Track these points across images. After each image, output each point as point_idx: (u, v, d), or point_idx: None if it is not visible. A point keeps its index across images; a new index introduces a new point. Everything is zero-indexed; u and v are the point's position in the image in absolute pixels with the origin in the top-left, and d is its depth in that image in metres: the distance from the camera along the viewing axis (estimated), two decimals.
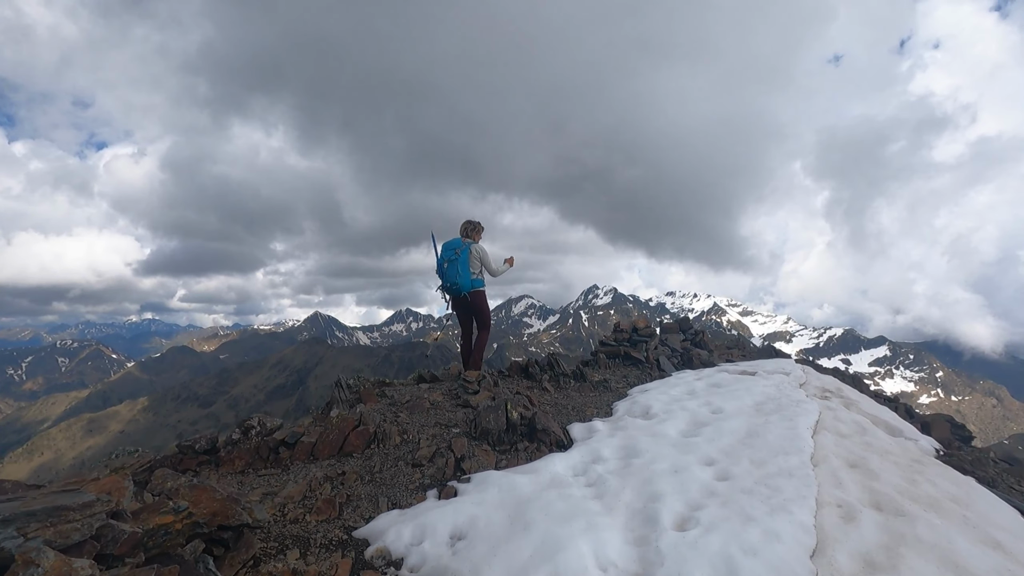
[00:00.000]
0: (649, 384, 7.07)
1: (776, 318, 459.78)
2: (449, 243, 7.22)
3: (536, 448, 4.67)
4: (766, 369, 7.72)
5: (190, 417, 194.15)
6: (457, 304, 7.28)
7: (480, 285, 7.20)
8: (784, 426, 4.74)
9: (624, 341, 9.42)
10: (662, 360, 9.02)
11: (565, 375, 7.39)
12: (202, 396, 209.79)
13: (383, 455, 4.56)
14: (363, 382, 6.80)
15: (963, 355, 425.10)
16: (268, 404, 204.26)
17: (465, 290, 6.99)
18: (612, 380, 7.43)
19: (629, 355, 8.92)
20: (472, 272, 7.12)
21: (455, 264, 6.99)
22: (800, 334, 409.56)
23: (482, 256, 7.23)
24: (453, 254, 7.04)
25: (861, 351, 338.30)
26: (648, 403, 5.71)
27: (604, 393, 6.89)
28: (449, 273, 7.01)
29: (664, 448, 4.32)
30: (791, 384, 6.71)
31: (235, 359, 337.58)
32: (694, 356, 9.41)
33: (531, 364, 7.50)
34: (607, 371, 8.41)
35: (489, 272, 7.30)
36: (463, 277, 6.97)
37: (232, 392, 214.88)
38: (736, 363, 9.75)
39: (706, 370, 8.05)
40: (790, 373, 7.31)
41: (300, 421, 6.64)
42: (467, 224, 7.39)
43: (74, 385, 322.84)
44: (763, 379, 6.86)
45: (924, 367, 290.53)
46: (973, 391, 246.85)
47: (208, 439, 4.70)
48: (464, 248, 7.06)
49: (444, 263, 7.08)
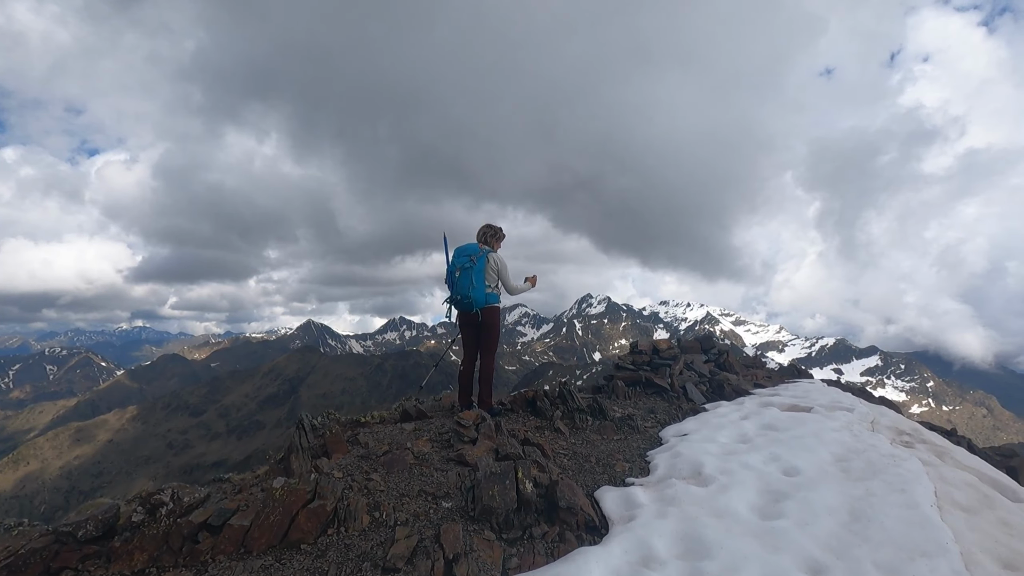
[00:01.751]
0: (685, 424, 5.76)
1: (769, 328, 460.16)
2: (463, 248, 5.96)
3: (558, 536, 3.34)
4: (820, 403, 6.43)
5: (180, 426, 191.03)
6: (465, 320, 6.03)
7: (495, 301, 5.95)
8: (898, 502, 3.44)
9: (643, 365, 8.13)
10: (689, 388, 7.72)
11: (580, 410, 6.08)
12: (193, 405, 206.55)
13: (343, 548, 3.22)
14: (332, 423, 5.46)
15: (953, 365, 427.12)
16: (260, 413, 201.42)
17: (478, 305, 5.76)
18: (637, 416, 6.12)
19: (651, 382, 7.62)
20: (487, 285, 5.86)
21: (469, 273, 5.74)
22: (792, 343, 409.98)
23: (500, 268, 5.96)
24: (467, 261, 5.78)
25: (853, 361, 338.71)
26: (696, 457, 4.40)
27: (631, 435, 5.58)
28: (461, 283, 5.76)
29: (743, 541, 3.02)
30: (861, 425, 5.43)
31: (227, 367, 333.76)
32: (724, 382, 8.12)
33: (539, 396, 6.19)
34: (627, 402, 7.11)
35: (506, 288, 6.04)
36: (477, 289, 5.73)
37: (223, 401, 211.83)
38: (774, 389, 8.47)
39: (746, 402, 6.75)
40: (853, 409, 6.03)
41: (253, 472, 5.29)
42: (485, 229, 6.13)
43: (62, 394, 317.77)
44: (825, 418, 5.58)
45: (915, 377, 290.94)
46: (963, 401, 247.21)
47: (100, 521, 3.35)
48: (481, 256, 5.81)
49: (456, 271, 5.83)
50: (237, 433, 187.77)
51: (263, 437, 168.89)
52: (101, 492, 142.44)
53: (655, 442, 5.34)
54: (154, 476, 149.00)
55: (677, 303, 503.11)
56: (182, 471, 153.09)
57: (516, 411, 6.24)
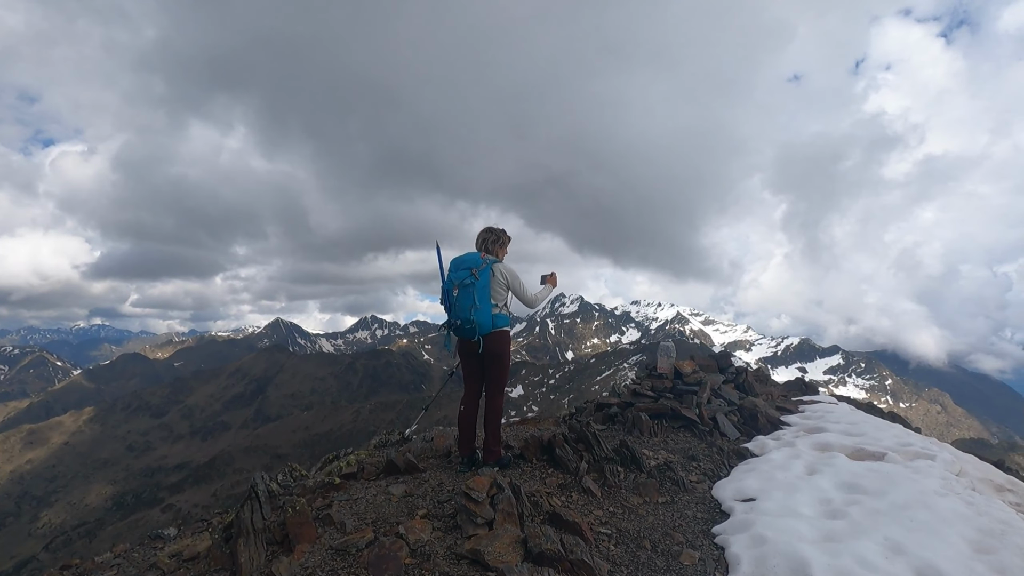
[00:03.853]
0: (742, 479, 4.64)
1: (736, 327, 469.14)
2: (461, 260, 4.73)
3: None
4: (886, 444, 5.42)
5: (141, 428, 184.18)
6: (466, 349, 4.81)
7: (503, 324, 4.74)
8: None
9: (665, 391, 7.03)
10: (720, 420, 6.65)
11: (608, 459, 4.92)
12: (154, 406, 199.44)
13: None
14: (296, 491, 4.16)
15: (910, 364, 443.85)
16: (225, 414, 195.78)
17: (482, 331, 4.55)
18: (676, 464, 4.99)
19: (678, 413, 6.52)
20: (494, 304, 4.65)
21: (470, 291, 4.52)
22: (759, 343, 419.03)
23: (510, 281, 4.76)
24: (468, 276, 4.55)
25: (816, 360, 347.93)
26: (790, 548, 3.28)
27: (678, 495, 4.44)
28: (460, 304, 4.54)
29: None
30: (958, 481, 4.42)
31: (191, 367, 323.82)
32: (756, 412, 7.08)
33: (557, 442, 4.99)
34: (655, 441, 5.99)
35: (524, 302, 4.86)
36: (481, 311, 4.52)
37: (187, 401, 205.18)
38: (805, 416, 7.48)
39: (796, 442, 5.69)
40: (934, 456, 5.01)
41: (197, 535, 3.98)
42: (485, 234, 4.92)
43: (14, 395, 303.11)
44: (914, 472, 4.54)
45: (875, 375, 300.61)
46: (919, 398, 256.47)
47: None
48: (484, 269, 4.59)
49: (454, 289, 4.59)
50: (201, 435, 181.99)
51: (228, 439, 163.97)
52: (56, 497, 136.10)
53: (712, 508, 4.22)
54: (113, 480, 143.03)
55: (648, 303, 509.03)
56: (143, 474, 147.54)
57: (528, 459, 5.04)
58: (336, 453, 6.56)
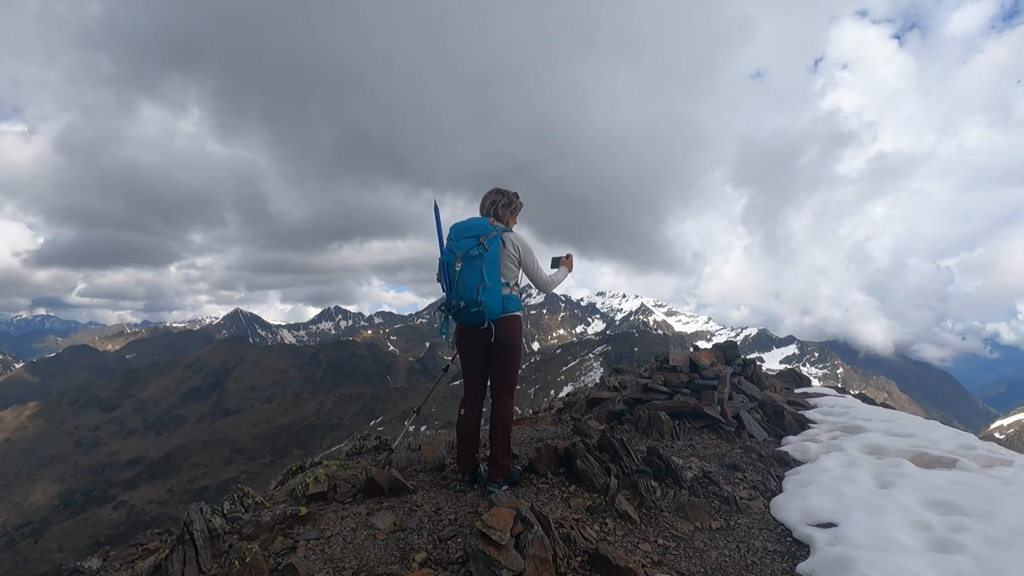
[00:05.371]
0: (807, 496, 3.81)
1: (698, 318, 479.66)
2: (466, 226, 3.71)
3: None
4: (945, 448, 4.72)
5: (90, 423, 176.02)
6: (469, 339, 3.84)
7: (515, 308, 3.77)
8: None
9: (681, 386, 6.20)
10: (745, 419, 5.87)
11: (639, 471, 4.04)
12: (105, 400, 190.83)
13: None
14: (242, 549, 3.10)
15: (859, 353, 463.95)
16: (182, 407, 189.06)
17: (492, 316, 3.59)
18: (717, 476, 4.15)
19: (700, 411, 5.70)
20: (504, 283, 3.69)
21: (476, 265, 3.54)
22: (719, 333, 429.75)
23: (523, 255, 3.79)
24: (474, 246, 3.54)
25: (773, 349, 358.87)
26: None
27: (734, 518, 3.59)
28: (465, 282, 3.56)
29: None
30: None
31: (144, 359, 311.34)
32: (781, 410, 6.34)
33: (579, 452, 4.07)
34: (680, 444, 5.15)
35: (537, 283, 3.92)
36: (491, 291, 3.55)
37: (140, 395, 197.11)
38: (825, 413, 6.80)
39: (841, 442, 4.93)
40: (1012, 461, 4.32)
41: None
42: (495, 196, 3.93)
43: None
44: (1004, 484, 3.82)
45: (827, 364, 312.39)
46: (867, 386, 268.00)
47: None
48: (493, 238, 3.60)
49: (456, 262, 3.59)
50: (156, 429, 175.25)
51: (185, 433, 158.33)
52: None
53: (782, 535, 3.38)
54: (60, 477, 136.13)
55: (613, 294, 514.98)
56: (92, 470, 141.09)
57: (541, 472, 4.11)
58: (300, 463, 5.48)
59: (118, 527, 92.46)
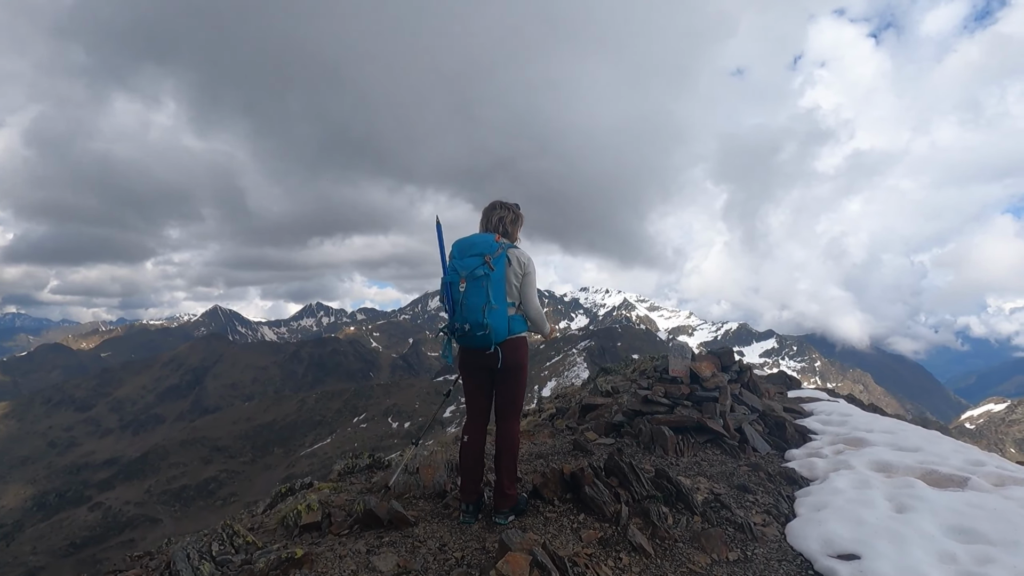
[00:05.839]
0: (824, 522, 3.68)
1: (680, 313, 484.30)
2: (470, 243, 3.51)
3: None
4: (952, 464, 4.65)
5: (64, 423, 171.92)
6: (473, 362, 3.64)
7: (521, 329, 3.60)
8: None
9: (682, 398, 6.06)
10: (748, 432, 5.75)
11: (652, 497, 3.88)
12: (79, 399, 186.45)
13: None
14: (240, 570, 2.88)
15: (836, 346, 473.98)
16: (159, 406, 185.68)
17: (498, 338, 3.40)
18: (729, 499, 4.02)
19: (703, 426, 5.57)
20: (510, 303, 3.52)
21: (482, 286, 3.35)
22: (701, 328, 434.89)
23: (525, 274, 3.58)
24: (480, 265, 3.35)
25: (753, 344, 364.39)
26: None
27: (751, 547, 3.44)
28: (470, 303, 3.36)
29: None
30: None
31: (120, 358, 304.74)
32: (783, 421, 6.24)
33: (587, 478, 3.89)
34: (685, 462, 5.01)
35: (527, 307, 3.67)
36: (497, 312, 3.37)
37: (116, 394, 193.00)
38: (822, 422, 6.74)
39: (848, 457, 4.83)
40: None
41: None
42: (502, 210, 3.70)
43: None
44: (1016, 503, 3.74)
45: (805, 357, 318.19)
46: (844, 378, 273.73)
47: None
48: (499, 256, 3.41)
49: (460, 282, 3.39)
50: (133, 428, 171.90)
51: (163, 432, 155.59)
52: None
53: (803, 569, 3.23)
54: (33, 479, 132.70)
55: (596, 289, 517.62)
56: (67, 471, 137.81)
57: (547, 499, 3.93)
58: (290, 485, 5.23)
59: (94, 529, 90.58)
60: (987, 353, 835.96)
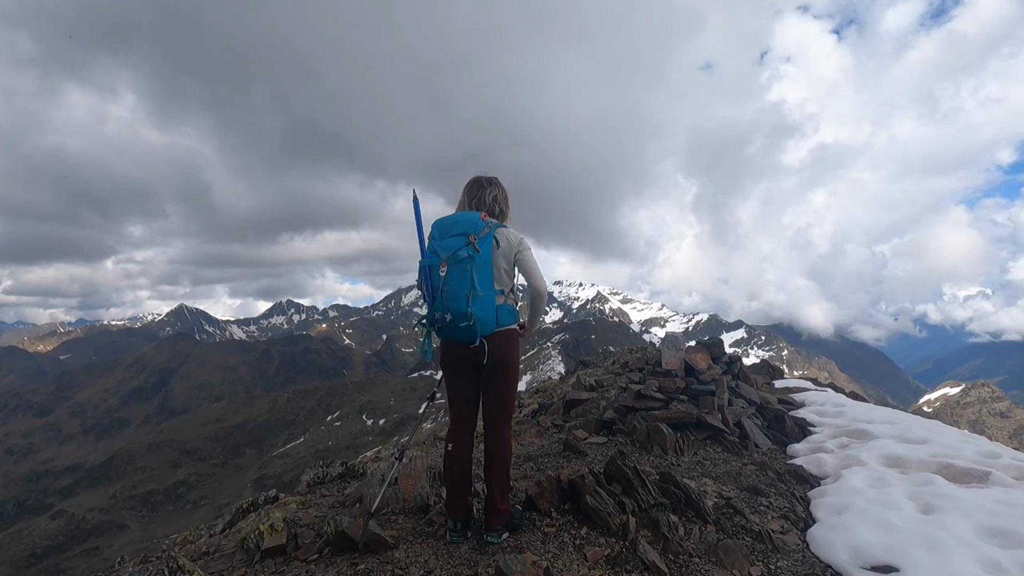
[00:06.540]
0: (850, 527, 3.34)
1: (652, 305, 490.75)
2: (452, 221, 3.04)
3: None
4: (966, 456, 4.41)
5: (22, 429, 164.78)
6: (457, 358, 3.16)
7: (511, 320, 3.15)
8: None
9: (677, 392, 5.71)
10: (748, 426, 5.44)
11: (660, 506, 3.50)
12: (37, 404, 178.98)
13: None
14: None
15: (802, 335, 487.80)
16: (124, 409, 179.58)
17: (484, 330, 2.95)
18: (741, 504, 3.67)
19: (703, 421, 5.23)
20: (499, 290, 3.07)
21: (465, 270, 2.88)
22: (673, 319, 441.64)
23: (521, 254, 3.13)
24: (463, 246, 2.90)
25: (723, 334, 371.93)
26: None
27: (773, 559, 3.08)
28: (452, 290, 2.90)
29: None
30: None
31: (80, 360, 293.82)
32: (782, 415, 5.95)
33: (588, 487, 3.48)
34: (687, 461, 4.65)
35: (535, 286, 3.21)
36: (482, 301, 2.91)
37: (77, 398, 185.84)
38: (817, 413, 6.49)
39: (857, 452, 4.54)
40: None
41: None
42: (490, 186, 3.26)
43: None
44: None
45: (773, 346, 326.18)
46: (810, 366, 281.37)
47: None
48: (485, 236, 2.95)
49: (440, 264, 2.92)
50: (96, 432, 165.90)
51: (128, 436, 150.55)
52: None
53: None
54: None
55: (570, 283, 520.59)
56: (26, 479, 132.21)
57: (544, 510, 3.51)
58: (253, 499, 4.69)
59: (56, 537, 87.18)
60: (943, 339, 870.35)
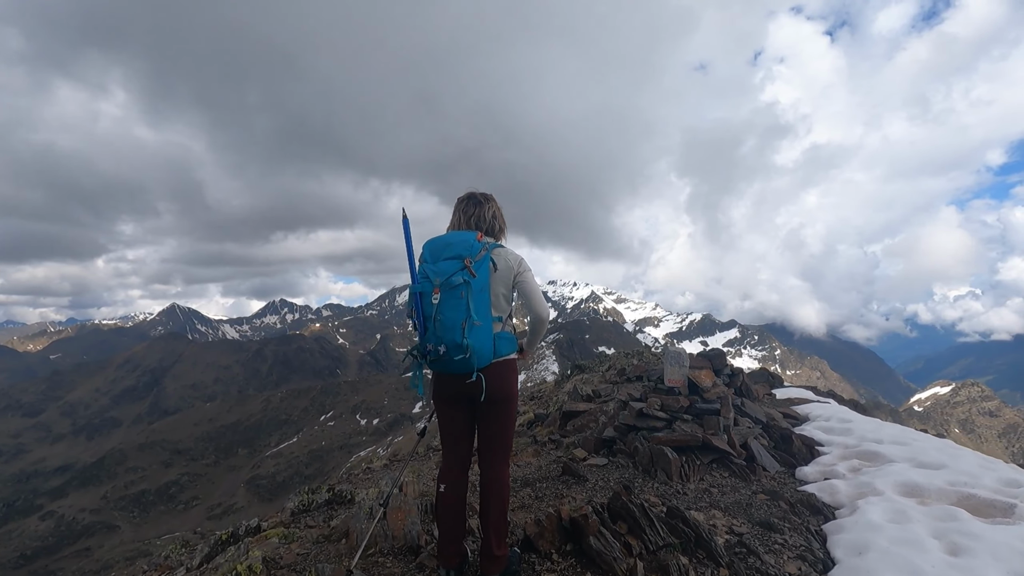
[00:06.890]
0: (873, 572, 3.10)
1: (646, 304, 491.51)
2: (445, 243, 2.77)
3: None
4: (995, 488, 4.19)
5: (11, 429, 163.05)
6: (451, 392, 2.88)
7: (509, 349, 2.87)
8: None
9: (680, 411, 5.47)
10: (755, 448, 5.20)
11: (666, 545, 3.25)
12: (27, 404, 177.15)
13: None
14: None
15: (794, 335, 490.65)
16: (115, 409, 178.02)
17: (481, 362, 2.68)
18: (754, 542, 3.43)
19: (709, 444, 4.99)
20: (496, 318, 2.80)
21: (459, 297, 2.62)
22: (666, 319, 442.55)
23: (521, 280, 2.87)
24: (458, 270, 2.64)
25: (716, 334, 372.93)
26: None
27: None
28: (446, 319, 2.62)
29: None
30: None
31: (71, 360, 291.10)
32: (788, 434, 5.72)
33: (592, 527, 3.23)
34: (692, 489, 4.40)
35: (537, 310, 2.94)
36: (478, 333, 2.64)
37: (68, 397, 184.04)
38: (823, 429, 6.27)
39: (871, 479, 4.31)
40: None
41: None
42: (479, 201, 2.99)
43: None
44: None
45: (766, 346, 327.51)
46: (802, 366, 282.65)
47: None
48: (481, 259, 2.69)
49: (434, 290, 2.65)
50: (87, 433, 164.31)
51: (120, 436, 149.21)
52: None
53: None
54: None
55: (564, 282, 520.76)
56: (15, 480, 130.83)
57: (544, 552, 3.26)
58: (233, 529, 4.41)
59: (46, 538, 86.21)
60: (934, 339, 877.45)
